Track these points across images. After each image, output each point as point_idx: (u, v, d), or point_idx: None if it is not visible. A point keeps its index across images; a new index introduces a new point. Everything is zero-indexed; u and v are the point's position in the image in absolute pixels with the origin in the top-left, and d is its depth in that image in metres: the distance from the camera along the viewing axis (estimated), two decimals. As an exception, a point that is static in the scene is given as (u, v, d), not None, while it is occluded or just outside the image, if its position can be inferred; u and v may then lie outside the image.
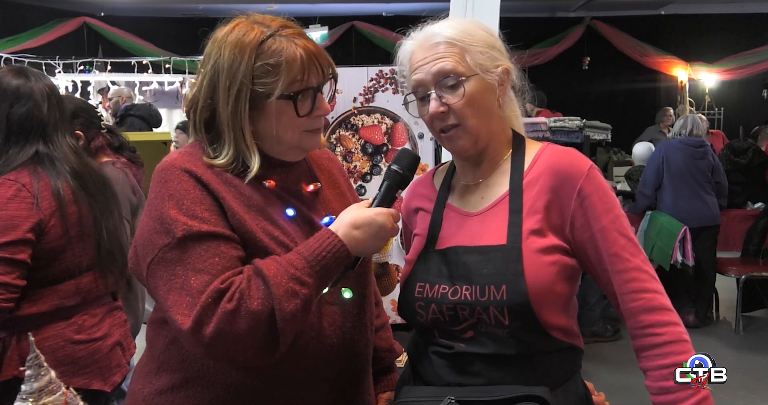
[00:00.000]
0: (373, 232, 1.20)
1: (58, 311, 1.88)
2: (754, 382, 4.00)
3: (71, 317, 1.90)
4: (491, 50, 1.28)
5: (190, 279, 1.12)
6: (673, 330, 1.18)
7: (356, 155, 4.48)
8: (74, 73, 8.25)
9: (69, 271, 1.90)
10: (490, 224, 1.26)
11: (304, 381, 1.25)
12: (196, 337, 1.09)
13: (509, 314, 1.17)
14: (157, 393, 1.25)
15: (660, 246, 4.87)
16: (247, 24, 1.23)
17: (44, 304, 1.85)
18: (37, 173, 1.85)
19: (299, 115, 1.22)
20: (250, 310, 1.09)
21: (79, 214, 1.90)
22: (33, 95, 1.88)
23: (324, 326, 1.26)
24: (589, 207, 1.21)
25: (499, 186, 1.30)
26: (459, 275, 1.23)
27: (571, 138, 5.00)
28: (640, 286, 1.19)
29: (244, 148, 1.23)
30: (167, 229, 1.15)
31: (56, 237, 1.85)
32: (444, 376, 1.24)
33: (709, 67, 11.31)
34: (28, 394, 1.10)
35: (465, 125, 1.26)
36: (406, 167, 1.28)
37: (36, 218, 1.79)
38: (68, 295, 1.89)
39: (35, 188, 1.82)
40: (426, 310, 1.25)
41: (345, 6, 11.02)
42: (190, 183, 1.19)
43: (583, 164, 1.25)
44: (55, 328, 1.87)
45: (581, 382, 1.30)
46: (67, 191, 1.87)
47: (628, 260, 1.20)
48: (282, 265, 1.14)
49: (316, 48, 1.23)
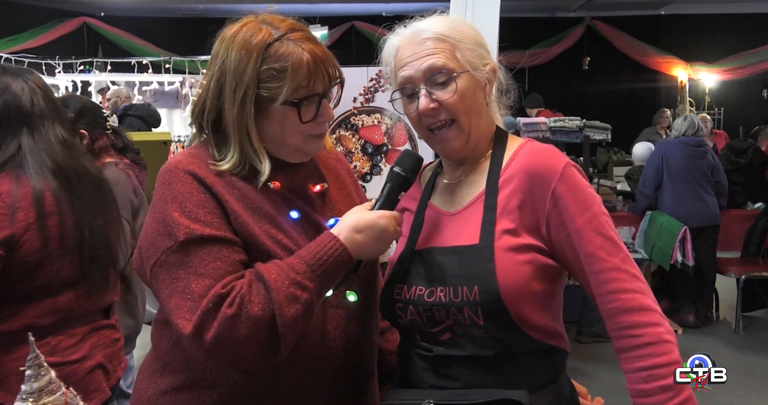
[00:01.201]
0: (376, 235, 1.19)
1: (31, 331, 1.67)
2: (754, 382, 4.00)
3: (44, 337, 1.72)
4: (479, 48, 1.26)
5: (192, 283, 1.12)
6: (653, 331, 1.13)
7: (356, 155, 4.48)
8: (74, 73, 8.24)
9: (45, 288, 1.73)
10: (465, 224, 1.24)
11: (307, 383, 1.25)
12: (197, 342, 1.10)
13: (483, 314, 1.15)
14: (162, 393, 1.25)
15: (660, 246, 4.87)
16: (255, 24, 1.22)
17: (15, 322, 1.69)
18: (19, 178, 1.71)
19: (303, 122, 1.21)
20: (251, 315, 1.09)
21: (61, 225, 1.74)
22: (9, 87, 1.77)
23: (328, 329, 1.25)
24: (564, 207, 1.18)
25: (477, 185, 1.28)
26: (434, 276, 1.22)
27: (571, 138, 5.00)
28: (618, 286, 1.15)
29: (251, 151, 1.22)
30: (170, 232, 1.15)
31: (32, 251, 1.69)
32: (425, 378, 1.23)
33: (709, 67, 11.30)
34: (28, 394, 1.09)
35: (458, 120, 1.24)
36: (408, 169, 1.28)
37: (7, 231, 1.65)
38: (43, 313, 1.73)
39: (13, 197, 1.68)
40: (404, 312, 1.24)
41: (345, 6, 11.01)
42: (194, 185, 1.19)
43: (557, 163, 1.21)
44: (25, 348, 1.65)
45: (568, 385, 1.27)
46: (48, 199, 1.73)
47: (605, 260, 1.16)
48: (283, 269, 1.13)
49: (324, 52, 1.22)
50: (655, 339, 1.13)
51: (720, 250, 5.28)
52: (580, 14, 11.58)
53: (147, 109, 6.34)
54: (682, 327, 5.00)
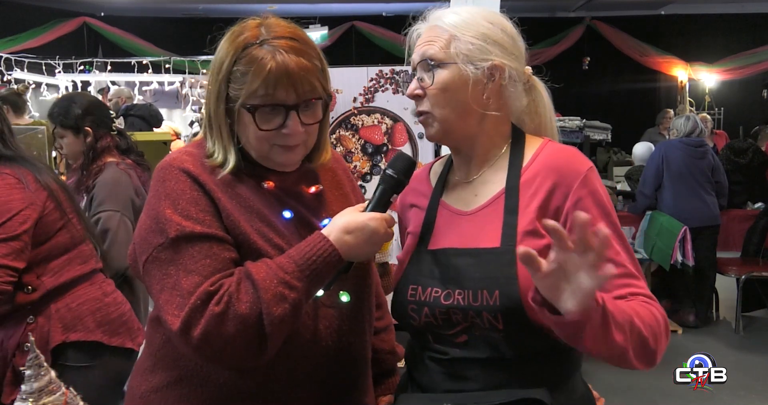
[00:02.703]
0: (366, 237, 1.18)
1: (80, 277, 2.02)
2: (754, 382, 4.00)
3: (93, 281, 2.06)
4: (484, 42, 1.22)
5: (182, 279, 1.13)
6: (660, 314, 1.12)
7: (356, 155, 4.48)
8: (74, 73, 8.25)
9: (74, 238, 2.02)
10: (483, 225, 1.22)
11: (297, 382, 1.25)
12: (184, 338, 1.11)
13: (503, 319, 1.13)
14: (153, 390, 1.26)
15: (660, 246, 4.87)
16: (253, 24, 1.23)
17: (64, 274, 1.98)
18: (13, 167, 1.95)
19: (260, 129, 1.20)
20: (238, 313, 1.09)
21: (66, 195, 2.05)
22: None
23: (320, 329, 1.26)
24: (585, 209, 1.15)
25: (494, 184, 1.25)
26: (450, 278, 1.20)
27: (571, 138, 5.01)
28: (636, 291, 1.15)
29: (225, 145, 1.24)
30: (162, 229, 1.16)
31: (52, 210, 1.97)
32: (440, 382, 1.21)
33: (709, 67, 11.30)
34: (28, 394, 1.10)
35: (433, 113, 1.24)
36: (401, 171, 1.26)
37: (31, 199, 1.90)
38: (81, 260, 2.03)
39: (20, 176, 1.92)
40: (419, 314, 1.22)
41: (345, 6, 11.01)
42: (187, 183, 1.20)
43: (581, 165, 1.20)
44: (85, 289, 2.03)
45: (582, 381, 1.27)
46: (52, 182, 2.00)
47: (623, 265, 1.16)
48: (272, 268, 1.14)
49: (299, 66, 1.17)
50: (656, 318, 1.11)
51: (720, 250, 5.28)
52: (580, 14, 11.58)
53: (149, 109, 6.35)
54: (682, 327, 5.00)
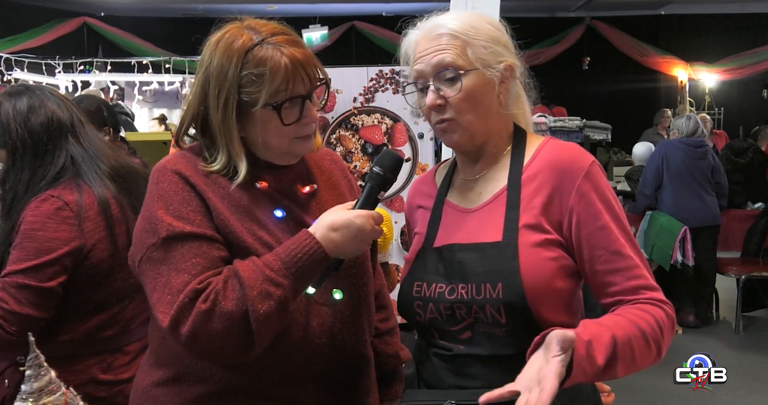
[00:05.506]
0: (352, 234, 1.19)
1: (93, 342, 1.74)
2: (754, 382, 4.00)
3: (101, 354, 1.75)
4: (495, 45, 1.25)
5: (172, 278, 1.16)
6: (669, 312, 1.16)
7: (356, 155, 4.48)
8: (74, 73, 8.24)
9: (115, 295, 1.76)
10: (486, 221, 1.25)
11: (291, 379, 1.27)
12: (173, 335, 1.14)
13: (506, 313, 1.15)
14: (154, 385, 1.30)
15: (660, 246, 4.87)
16: (237, 30, 1.24)
17: (78, 332, 1.72)
18: (80, 188, 1.73)
19: (285, 124, 1.23)
20: (224, 310, 1.12)
21: (128, 234, 1.70)
22: (44, 102, 1.79)
23: (313, 326, 1.27)
24: (590, 204, 1.19)
25: (498, 181, 1.28)
26: (455, 273, 1.22)
27: (571, 138, 5.01)
28: (646, 283, 1.18)
29: (234, 154, 1.25)
30: (154, 229, 1.20)
31: (101, 260, 1.72)
32: (444, 378, 1.23)
33: (709, 67, 11.30)
34: (28, 394, 1.10)
35: (460, 120, 1.24)
36: (388, 169, 1.27)
37: (77, 242, 1.67)
38: (108, 323, 1.75)
39: (79, 206, 1.69)
40: (424, 310, 1.24)
41: (345, 6, 11.01)
42: (179, 185, 1.23)
43: (583, 160, 1.23)
44: (83, 364, 1.73)
45: (588, 383, 1.26)
46: (114, 206, 1.75)
47: (631, 258, 1.18)
48: (258, 266, 1.16)
49: (304, 55, 1.23)
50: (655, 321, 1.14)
51: (720, 250, 5.29)
52: (580, 14, 11.59)
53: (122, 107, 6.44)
54: (682, 327, 5.00)
